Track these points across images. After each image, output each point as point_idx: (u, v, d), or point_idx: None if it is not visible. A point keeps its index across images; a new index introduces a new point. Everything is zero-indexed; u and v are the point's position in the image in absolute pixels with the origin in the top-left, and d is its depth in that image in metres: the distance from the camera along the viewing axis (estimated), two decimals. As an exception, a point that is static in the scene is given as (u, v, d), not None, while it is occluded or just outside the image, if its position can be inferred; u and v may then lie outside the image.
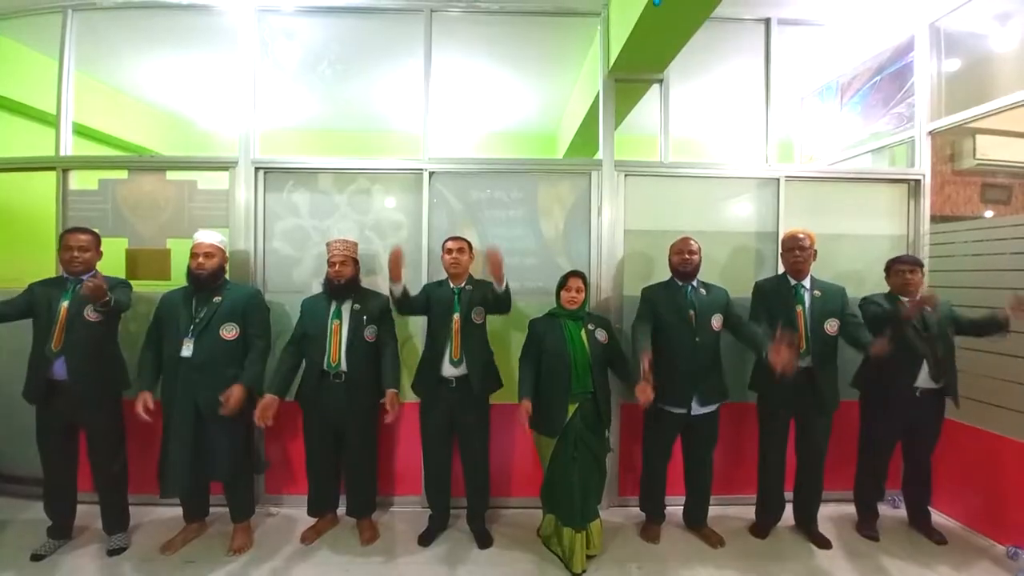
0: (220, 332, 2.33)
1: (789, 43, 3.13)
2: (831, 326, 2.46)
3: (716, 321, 2.44)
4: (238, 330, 2.37)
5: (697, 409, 2.41)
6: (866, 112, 3.52)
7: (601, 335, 2.38)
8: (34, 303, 2.29)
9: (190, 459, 2.25)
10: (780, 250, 2.66)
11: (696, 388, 2.38)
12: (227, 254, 2.52)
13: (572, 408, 2.27)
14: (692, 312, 2.41)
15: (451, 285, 2.50)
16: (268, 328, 2.51)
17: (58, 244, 2.32)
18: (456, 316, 2.43)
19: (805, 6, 2.99)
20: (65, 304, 2.26)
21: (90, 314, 2.26)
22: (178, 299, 2.38)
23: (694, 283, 2.48)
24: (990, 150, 3.22)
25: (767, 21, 3.05)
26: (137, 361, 2.40)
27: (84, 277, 2.32)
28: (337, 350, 2.40)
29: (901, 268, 2.51)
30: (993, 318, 2.33)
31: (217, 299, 2.36)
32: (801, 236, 2.51)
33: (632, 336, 2.48)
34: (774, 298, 2.53)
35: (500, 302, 2.40)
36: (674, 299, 2.46)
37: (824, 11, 3.05)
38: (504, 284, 2.34)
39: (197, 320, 2.32)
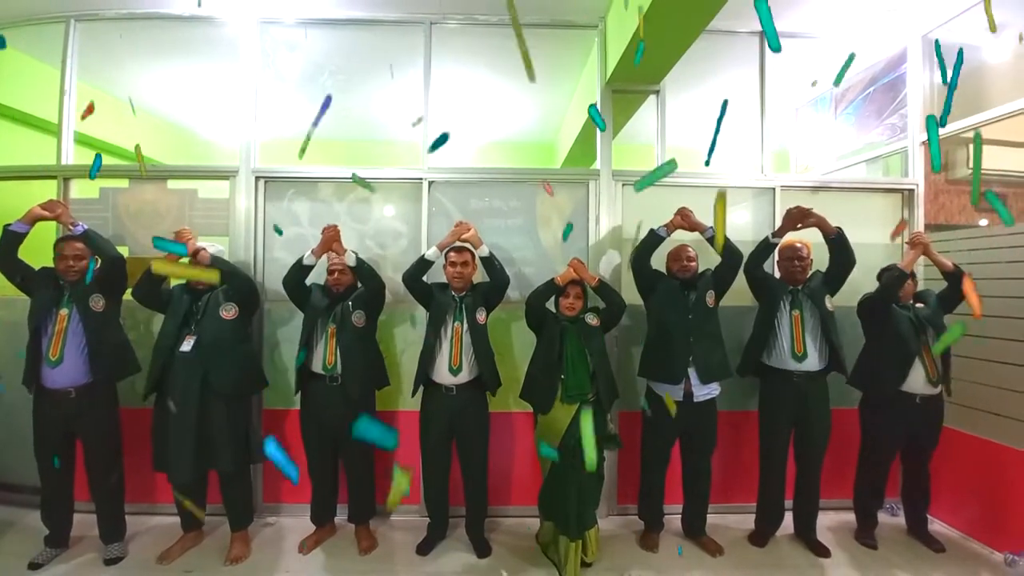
0: (220, 312, 2.35)
1: (783, 55, 3.16)
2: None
3: (710, 298, 2.48)
4: (236, 310, 2.40)
5: (699, 390, 2.41)
6: (860, 123, 3.56)
7: (591, 319, 2.41)
8: (36, 302, 2.28)
9: (193, 446, 2.24)
10: (777, 258, 2.68)
11: (694, 362, 2.39)
12: (227, 264, 2.54)
13: (571, 409, 2.26)
14: (687, 294, 2.48)
15: (453, 293, 2.52)
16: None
17: (53, 252, 2.32)
18: (457, 325, 2.44)
19: (798, 19, 3.04)
20: (63, 312, 2.26)
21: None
22: (181, 292, 2.42)
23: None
24: (984, 159, 3.25)
25: (761, 34, 3.10)
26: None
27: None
28: (333, 353, 2.41)
29: None
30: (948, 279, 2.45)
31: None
32: (799, 246, 2.54)
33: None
34: (773, 302, 2.55)
35: (493, 276, 2.50)
36: (670, 286, 2.52)
37: (817, 24, 3.09)
38: (487, 250, 2.49)
39: (198, 317, 2.35)
